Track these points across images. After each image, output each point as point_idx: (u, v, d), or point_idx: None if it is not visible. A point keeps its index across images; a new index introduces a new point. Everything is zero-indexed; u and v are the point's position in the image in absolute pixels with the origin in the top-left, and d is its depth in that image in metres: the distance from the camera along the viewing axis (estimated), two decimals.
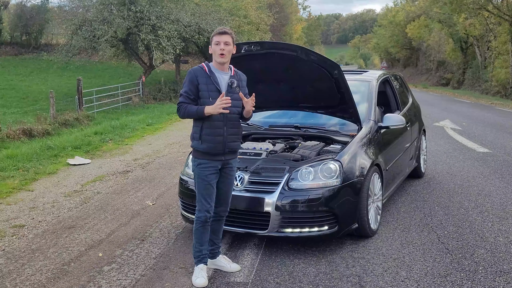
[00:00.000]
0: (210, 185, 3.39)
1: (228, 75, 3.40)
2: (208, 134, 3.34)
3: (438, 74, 42.89)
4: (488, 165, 7.19)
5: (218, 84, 3.34)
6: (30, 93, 23.22)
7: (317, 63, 4.18)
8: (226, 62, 3.37)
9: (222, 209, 3.55)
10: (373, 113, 4.81)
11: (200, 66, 3.40)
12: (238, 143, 3.49)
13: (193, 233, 3.49)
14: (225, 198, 3.53)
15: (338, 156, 4.04)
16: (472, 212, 4.94)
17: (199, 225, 3.42)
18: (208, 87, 3.32)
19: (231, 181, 3.53)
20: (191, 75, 3.36)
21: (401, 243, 4.12)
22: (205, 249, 3.48)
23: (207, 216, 3.41)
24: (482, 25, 28.59)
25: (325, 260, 3.78)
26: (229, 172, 3.50)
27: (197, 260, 3.48)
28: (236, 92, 3.37)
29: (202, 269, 3.44)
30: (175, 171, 6.99)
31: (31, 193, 5.96)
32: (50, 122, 11.88)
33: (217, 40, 3.32)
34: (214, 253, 3.62)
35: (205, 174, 3.38)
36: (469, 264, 3.65)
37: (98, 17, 20.28)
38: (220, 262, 3.63)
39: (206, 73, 3.35)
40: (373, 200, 4.30)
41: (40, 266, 3.74)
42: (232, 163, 3.50)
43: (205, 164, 3.38)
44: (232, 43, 3.36)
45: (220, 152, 3.37)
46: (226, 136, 3.36)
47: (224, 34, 3.33)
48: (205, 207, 3.40)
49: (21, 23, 36.09)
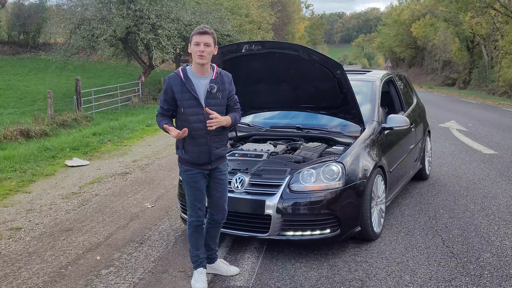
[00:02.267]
0: (199, 191, 3.36)
1: (207, 79, 3.26)
2: (191, 144, 3.27)
3: (443, 74, 42.86)
4: (495, 167, 7.18)
5: (195, 91, 3.21)
6: (28, 93, 23.26)
7: (319, 62, 4.18)
8: (206, 64, 3.23)
9: (219, 216, 3.48)
10: (377, 114, 4.81)
11: (176, 73, 3.28)
12: (224, 148, 3.41)
13: (188, 239, 3.49)
14: (220, 204, 3.46)
15: (340, 158, 4.04)
16: (477, 215, 4.94)
17: (191, 230, 3.42)
18: (183, 96, 3.20)
19: (223, 186, 3.45)
20: (166, 84, 3.27)
21: (405, 246, 4.11)
22: (201, 253, 3.48)
23: (198, 221, 3.40)
24: (489, 24, 28.56)
25: (327, 264, 3.78)
26: (220, 177, 3.42)
27: (195, 265, 3.48)
28: (217, 97, 3.26)
29: (201, 273, 3.45)
30: (175, 173, 7.00)
31: (28, 195, 5.97)
32: (48, 123, 11.90)
33: (197, 41, 3.17)
34: (211, 258, 3.61)
35: (193, 180, 3.34)
36: (475, 269, 3.65)
37: (97, 16, 20.33)
38: (218, 266, 3.62)
39: (181, 80, 3.22)
40: (376, 202, 4.30)
41: (37, 269, 3.75)
42: (221, 167, 3.42)
43: (192, 171, 3.33)
44: (214, 43, 3.22)
45: (206, 161, 3.32)
46: (210, 145, 3.28)
47: (205, 35, 3.17)
48: (196, 213, 3.38)
49: (19, 22, 36.15)
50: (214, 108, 3.23)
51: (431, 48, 45.24)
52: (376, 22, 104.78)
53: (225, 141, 3.42)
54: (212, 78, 3.27)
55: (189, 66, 3.32)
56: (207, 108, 3.20)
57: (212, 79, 3.27)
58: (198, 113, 3.22)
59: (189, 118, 3.23)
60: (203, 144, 3.27)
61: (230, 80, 3.39)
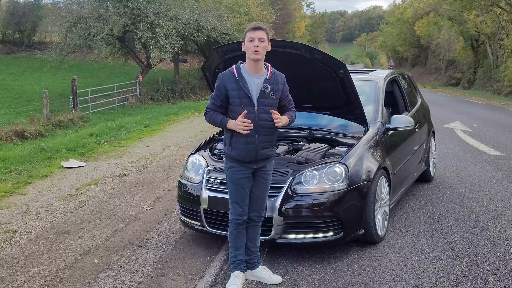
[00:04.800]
0: (242, 189, 3.39)
1: (261, 78, 3.32)
2: (239, 142, 3.32)
3: (447, 74, 42.88)
4: (500, 169, 7.18)
5: (248, 90, 3.28)
6: (23, 93, 23.30)
7: (321, 62, 4.18)
8: (261, 60, 3.30)
9: (255, 214, 3.50)
10: (380, 114, 4.82)
11: (230, 70, 3.34)
12: (272, 149, 3.45)
13: (228, 237, 3.51)
14: (258, 202, 3.49)
15: (343, 159, 4.05)
16: (483, 217, 4.94)
17: (231, 228, 3.45)
18: (239, 94, 3.28)
19: (265, 185, 3.49)
20: (219, 81, 3.33)
21: (410, 250, 4.12)
22: (240, 254, 3.48)
23: (238, 220, 3.42)
24: (494, 22, 28.59)
25: (330, 268, 3.78)
26: (263, 176, 3.46)
27: (232, 266, 3.50)
28: (270, 97, 3.31)
29: (237, 276, 3.44)
30: (174, 174, 7.01)
31: (24, 197, 5.98)
32: (43, 123, 11.91)
33: (251, 37, 3.26)
34: (252, 263, 3.56)
35: (237, 178, 3.39)
36: (481, 272, 3.65)
37: (94, 14, 20.34)
38: (260, 273, 3.56)
39: (235, 77, 3.30)
40: (380, 205, 4.30)
41: (34, 273, 3.75)
42: (267, 166, 3.46)
43: (236, 168, 3.39)
44: (267, 39, 3.30)
45: (252, 160, 3.36)
46: (257, 144, 3.32)
47: (258, 30, 3.27)
48: (237, 211, 3.41)
49: (14, 20, 36.18)
50: (266, 108, 3.29)
51: (435, 47, 45.26)
52: (378, 20, 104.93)
53: (273, 142, 3.46)
54: (267, 78, 3.33)
55: (243, 64, 3.37)
56: (272, 109, 3.27)
57: (266, 78, 3.32)
58: (249, 112, 3.27)
59: (239, 116, 3.28)
60: (251, 143, 3.31)
61: (283, 80, 3.44)
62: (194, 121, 14.20)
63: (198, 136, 10.77)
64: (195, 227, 4.24)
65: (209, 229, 4.07)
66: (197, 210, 4.10)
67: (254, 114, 3.28)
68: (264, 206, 3.55)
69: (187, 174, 4.37)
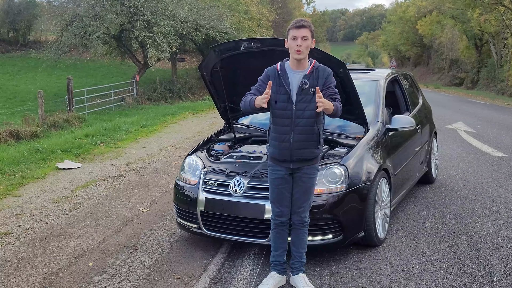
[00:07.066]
0: (277, 189, 3.42)
1: (302, 74, 3.31)
2: (274, 139, 3.35)
3: (450, 74, 42.90)
4: (504, 170, 7.19)
5: (288, 85, 3.29)
6: (18, 93, 23.30)
7: (321, 61, 4.17)
8: (304, 59, 3.31)
9: (295, 217, 3.46)
10: (381, 115, 4.82)
11: (274, 66, 3.39)
12: (311, 150, 3.35)
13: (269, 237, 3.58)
14: (297, 205, 3.43)
15: (343, 160, 4.05)
16: (486, 220, 4.94)
17: (272, 227, 3.51)
18: (278, 89, 3.30)
19: (304, 188, 3.42)
20: (265, 74, 3.39)
21: (410, 252, 4.12)
22: (278, 255, 3.50)
23: (277, 221, 3.45)
24: (498, 21, 28.59)
25: (329, 271, 3.78)
26: (302, 179, 3.40)
27: (271, 266, 3.55)
28: (309, 93, 3.28)
29: (272, 277, 3.48)
30: (170, 175, 7.01)
31: (18, 198, 5.98)
32: (38, 124, 11.91)
33: (294, 35, 3.25)
34: (293, 268, 3.53)
35: (273, 177, 3.43)
36: (483, 276, 3.65)
37: (90, 12, 20.35)
38: (297, 281, 3.47)
39: (277, 73, 3.33)
40: (380, 207, 4.31)
41: (27, 276, 3.75)
42: (307, 170, 3.39)
43: (273, 167, 3.43)
44: (311, 37, 3.30)
45: (287, 159, 3.35)
46: (292, 142, 3.29)
47: (302, 28, 3.26)
48: (274, 211, 3.46)
49: (8, 19, 36.21)
50: (305, 105, 3.27)
51: (438, 46, 45.27)
52: (380, 19, 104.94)
53: (314, 141, 3.35)
54: (306, 74, 3.31)
55: (288, 61, 3.40)
56: (318, 87, 3.19)
57: (306, 74, 3.31)
58: (286, 108, 3.29)
59: (276, 111, 3.32)
60: (286, 140, 3.31)
61: (327, 74, 3.35)
62: (192, 122, 14.21)
63: (195, 137, 10.78)
64: (191, 230, 4.24)
65: (206, 231, 4.07)
66: (194, 212, 4.11)
67: (291, 111, 3.28)
68: (305, 210, 3.46)
69: (183, 176, 4.37)
